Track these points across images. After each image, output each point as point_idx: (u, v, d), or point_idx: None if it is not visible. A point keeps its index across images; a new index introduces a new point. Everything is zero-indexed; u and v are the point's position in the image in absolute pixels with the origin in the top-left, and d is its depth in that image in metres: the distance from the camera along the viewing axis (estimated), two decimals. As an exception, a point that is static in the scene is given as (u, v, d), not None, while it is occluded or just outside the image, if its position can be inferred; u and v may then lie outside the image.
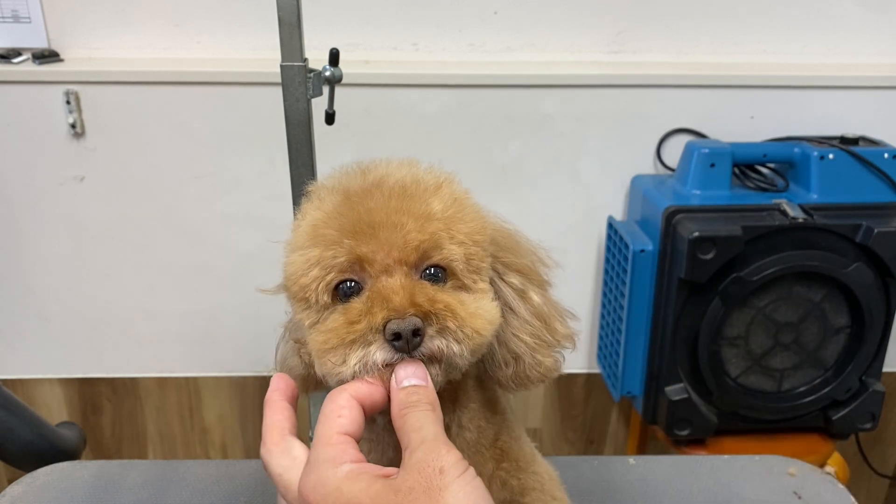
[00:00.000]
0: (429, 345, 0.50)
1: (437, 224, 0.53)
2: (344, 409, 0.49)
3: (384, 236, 0.52)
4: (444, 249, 0.53)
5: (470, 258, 0.54)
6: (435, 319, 0.50)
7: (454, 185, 0.58)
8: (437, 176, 0.57)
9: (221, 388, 1.76)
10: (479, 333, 0.52)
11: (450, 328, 0.51)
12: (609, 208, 1.60)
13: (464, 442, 0.59)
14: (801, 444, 1.51)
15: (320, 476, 0.46)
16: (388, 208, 0.53)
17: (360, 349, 0.51)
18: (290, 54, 0.97)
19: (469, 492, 0.44)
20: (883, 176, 1.41)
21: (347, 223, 0.53)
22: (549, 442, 1.85)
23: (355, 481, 0.45)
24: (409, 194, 0.54)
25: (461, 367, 0.53)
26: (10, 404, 1.16)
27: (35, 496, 0.91)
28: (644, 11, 1.52)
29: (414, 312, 0.50)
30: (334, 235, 0.53)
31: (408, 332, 0.50)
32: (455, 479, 0.44)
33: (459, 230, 0.54)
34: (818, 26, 1.55)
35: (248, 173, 1.55)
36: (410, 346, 0.50)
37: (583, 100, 1.52)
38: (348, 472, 0.45)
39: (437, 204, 0.54)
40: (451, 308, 0.51)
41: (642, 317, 1.47)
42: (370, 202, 0.54)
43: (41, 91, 1.47)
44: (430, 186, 0.55)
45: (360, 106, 1.50)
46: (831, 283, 1.38)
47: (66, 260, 1.62)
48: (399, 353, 0.50)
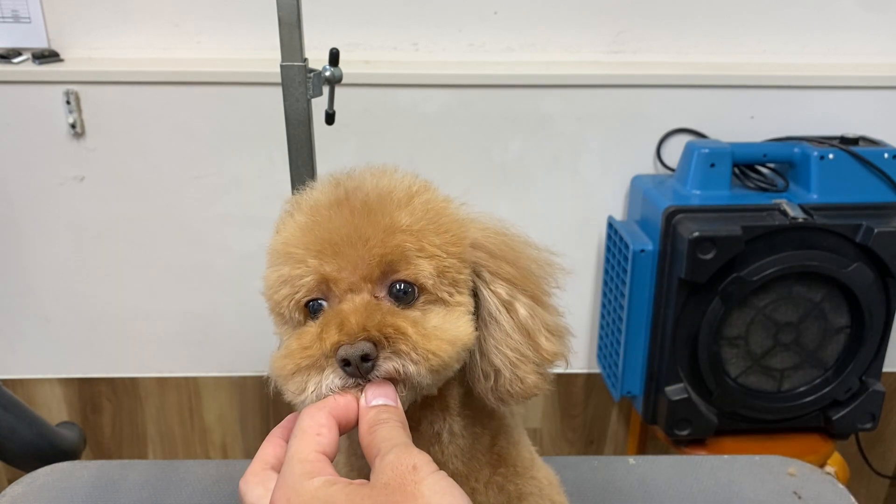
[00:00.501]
0: (384, 366, 0.50)
1: (403, 237, 0.52)
2: (323, 427, 0.49)
3: (348, 253, 0.52)
4: (411, 265, 0.52)
5: (444, 271, 0.53)
6: (386, 343, 0.50)
7: (429, 194, 0.56)
8: (410, 185, 0.56)
9: (221, 388, 1.76)
10: (436, 354, 0.50)
11: (402, 350, 0.50)
12: (609, 208, 1.60)
13: (457, 448, 0.58)
14: (801, 444, 1.51)
15: (295, 487, 0.45)
16: (352, 224, 0.53)
17: (316, 375, 0.51)
18: (290, 54, 0.97)
19: (444, 486, 0.44)
20: (883, 176, 1.41)
21: (312, 241, 0.53)
22: (549, 442, 1.85)
23: (329, 487, 0.45)
24: (373, 209, 0.53)
25: (425, 386, 0.52)
26: (10, 404, 1.16)
27: (35, 496, 0.91)
28: (644, 11, 1.52)
29: (364, 337, 0.49)
30: (300, 254, 0.53)
31: (356, 357, 0.49)
32: (429, 475, 0.44)
33: (431, 242, 0.53)
34: (818, 26, 1.55)
35: (248, 173, 1.55)
36: (362, 370, 0.50)
37: (583, 100, 1.52)
38: (324, 481, 0.45)
39: (404, 217, 0.53)
40: (401, 331, 0.50)
41: (642, 317, 1.47)
42: (336, 219, 0.53)
43: (41, 91, 1.47)
44: (400, 198, 0.54)
45: (360, 106, 1.50)
46: (831, 283, 1.38)
47: (66, 260, 1.62)
48: (353, 378, 0.50)
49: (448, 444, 0.58)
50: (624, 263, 1.47)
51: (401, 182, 0.56)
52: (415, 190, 0.56)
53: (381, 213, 0.53)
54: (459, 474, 0.58)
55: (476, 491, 0.59)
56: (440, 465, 0.56)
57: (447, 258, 0.54)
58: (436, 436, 0.58)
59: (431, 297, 0.53)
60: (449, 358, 0.51)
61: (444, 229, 0.54)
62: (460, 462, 0.58)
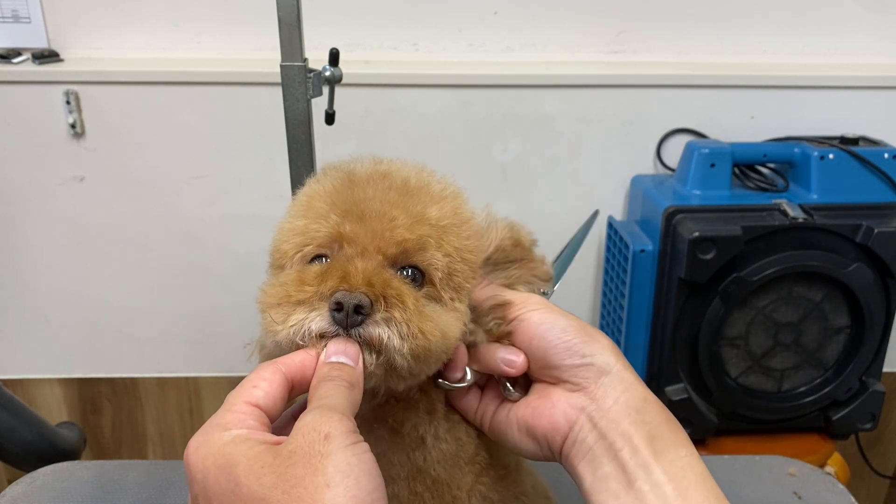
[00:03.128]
0: (369, 329, 0.49)
1: (428, 229, 0.53)
2: (264, 381, 0.47)
3: (372, 223, 0.52)
4: (427, 254, 0.52)
5: (453, 273, 0.53)
6: (383, 303, 0.49)
7: (460, 200, 0.57)
8: (446, 186, 0.57)
9: (221, 388, 1.75)
10: (425, 335, 0.49)
11: (395, 318, 0.49)
12: (609, 208, 1.60)
13: (439, 453, 0.57)
14: (801, 444, 1.51)
15: (206, 438, 0.44)
16: (384, 199, 0.53)
17: (302, 312, 0.49)
18: (290, 54, 0.97)
19: (354, 464, 0.41)
20: (883, 176, 1.41)
21: (341, 201, 0.53)
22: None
23: (238, 444, 0.43)
24: (410, 192, 0.54)
25: (401, 371, 0.50)
26: (10, 404, 1.16)
27: (35, 496, 0.91)
28: (644, 11, 1.52)
29: (364, 291, 0.49)
30: (324, 210, 0.53)
31: (350, 305, 0.48)
32: (341, 448, 0.42)
33: (450, 242, 0.53)
34: (818, 26, 1.55)
35: (248, 173, 1.55)
36: (349, 321, 0.48)
37: (583, 100, 1.52)
38: (235, 436, 0.44)
39: (434, 211, 0.54)
40: (402, 299, 0.49)
41: (642, 317, 1.47)
42: (370, 189, 0.53)
43: (41, 91, 1.47)
44: (434, 193, 0.55)
45: (360, 106, 1.50)
46: (831, 283, 1.38)
47: (66, 260, 1.62)
48: (336, 327, 0.49)
49: (432, 448, 0.57)
50: (624, 263, 1.47)
51: (438, 180, 0.57)
52: (449, 192, 0.56)
53: (415, 200, 0.53)
54: (441, 482, 0.57)
55: (458, 499, 0.58)
56: (421, 471, 0.55)
57: (459, 262, 0.54)
58: (419, 440, 0.56)
59: (434, 292, 0.53)
60: (435, 346, 0.51)
61: (466, 236, 0.55)
62: (443, 469, 0.57)
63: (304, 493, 0.40)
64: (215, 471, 0.43)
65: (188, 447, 0.45)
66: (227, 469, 0.42)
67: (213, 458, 0.43)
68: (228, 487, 0.42)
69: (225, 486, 0.42)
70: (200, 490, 0.43)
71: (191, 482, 0.45)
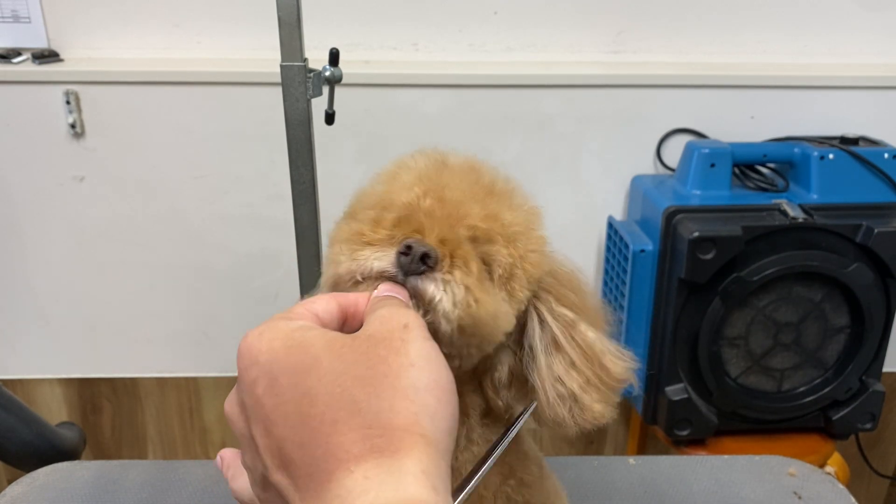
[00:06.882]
0: (426, 283, 0.48)
1: (499, 228, 0.53)
2: (322, 301, 0.46)
3: (448, 208, 0.53)
4: (495, 247, 0.53)
5: (512, 277, 0.54)
6: (448, 262, 0.49)
7: (535, 215, 0.58)
8: (526, 201, 0.58)
9: (221, 388, 1.75)
10: (478, 305, 0.49)
11: (455, 280, 0.48)
12: (609, 208, 1.60)
13: (471, 455, 0.57)
14: (801, 444, 1.51)
15: (270, 325, 0.42)
16: (468, 191, 0.54)
17: (367, 250, 0.50)
18: (290, 54, 0.97)
19: (433, 355, 0.41)
20: (883, 176, 1.41)
21: (427, 179, 0.55)
22: (549, 442, 1.85)
23: (308, 330, 0.42)
24: (493, 193, 0.55)
25: (442, 339, 0.49)
26: (10, 404, 1.16)
27: (35, 496, 0.91)
28: (644, 11, 1.52)
29: (435, 245, 0.49)
30: (409, 182, 0.54)
31: (419, 251, 0.48)
32: (421, 338, 0.41)
33: (516, 247, 0.54)
34: (818, 26, 1.55)
35: (248, 173, 1.55)
36: (412, 268, 0.48)
37: (583, 100, 1.52)
38: (303, 325, 0.43)
39: (509, 215, 0.54)
40: (468, 262, 0.49)
41: (642, 317, 1.47)
42: (457, 177, 0.55)
43: (41, 91, 1.47)
44: (514, 202, 0.56)
45: (360, 106, 1.50)
46: (831, 283, 1.38)
47: (66, 260, 1.62)
48: (397, 270, 0.48)
49: (463, 449, 0.57)
50: (624, 263, 1.47)
51: (523, 193, 0.59)
52: (528, 206, 0.58)
53: (495, 201, 0.55)
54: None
55: (484, 499, 0.58)
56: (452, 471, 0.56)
57: (519, 269, 0.54)
58: None
59: None
60: (484, 324, 0.50)
61: (531, 248, 0.55)
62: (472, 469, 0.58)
63: (388, 371, 0.39)
64: (286, 351, 0.41)
65: (246, 337, 0.42)
66: (302, 348, 0.41)
67: (283, 341, 0.41)
68: (305, 364, 0.40)
69: (299, 364, 0.40)
70: (264, 373, 0.41)
71: (247, 370, 0.42)
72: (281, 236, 1.50)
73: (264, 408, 0.40)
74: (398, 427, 0.38)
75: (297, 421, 0.38)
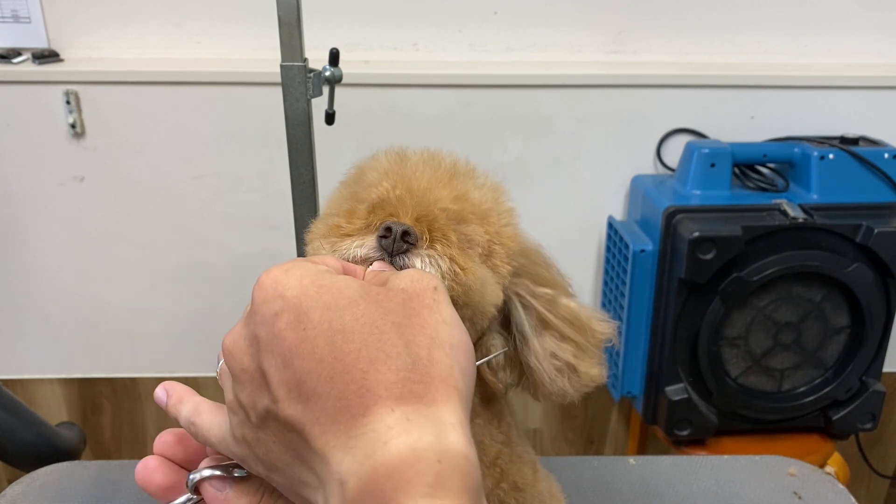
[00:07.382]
0: (413, 259, 0.49)
1: (471, 207, 0.55)
2: (330, 259, 0.47)
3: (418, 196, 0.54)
4: (470, 227, 0.54)
5: (491, 254, 0.55)
6: (428, 237, 0.50)
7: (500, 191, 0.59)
8: (487, 178, 0.60)
9: (221, 389, 1.75)
10: (465, 272, 0.50)
11: (438, 252, 0.50)
12: (609, 208, 1.60)
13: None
14: (801, 444, 1.51)
15: (297, 263, 0.41)
16: (433, 177, 0.55)
17: (348, 240, 0.51)
18: (290, 54, 0.97)
19: (458, 320, 0.41)
20: (883, 176, 1.41)
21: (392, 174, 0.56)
22: (549, 442, 1.85)
23: (337, 274, 0.41)
24: (457, 174, 0.57)
25: None
26: (10, 404, 1.16)
27: (35, 496, 0.91)
28: (644, 11, 1.52)
29: (412, 223, 0.50)
30: (376, 179, 0.56)
31: (398, 231, 0.49)
32: (447, 303, 0.41)
33: (490, 223, 0.55)
34: (818, 26, 1.55)
35: (248, 173, 1.55)
36: (395, 248, 0.49)
37: (583, 100, 1.52)
38: (329, 269, 0.42)
39: (476, 193, 0.56)
40: (446, 234, 0.50)
41: (642, 317, 1.47)
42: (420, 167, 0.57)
43: (41, 91, 1.47)
44: (478, 180, 0.58)
45: (360, 106, 1.50)
46: (831, 283, 1.38)
47: (66, 260, 1.62)
48: (382, 252, 0.50)
49: None
50: (624, 263, 1.47)
51: (481, 172, 0.60)
52: (490, 182, 0.59)
53: (461, 181, 0.56)
54: None
55: None
56: None
57: (497, 245, 0.55)
58: None
59: None
60: (474, 290, 0.51)
61: (504, 223, 0.57)
62: None
63: (424, 324, 0.39)
64: (317, 289, 0.39)
65: (270, 271, 0.41)
66: (336, 289, 0.39)
67: (313, 279, 0.40)
68: (340, 304, 0.39)
69: (333, 302, 0.39)
70: (290, 307, 0.39)
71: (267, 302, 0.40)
72: (281, 236, 1.51)
73: (286, 341, 0.38)
74: (436, 377, 0.37)
75: (327, 354, 0.37)
